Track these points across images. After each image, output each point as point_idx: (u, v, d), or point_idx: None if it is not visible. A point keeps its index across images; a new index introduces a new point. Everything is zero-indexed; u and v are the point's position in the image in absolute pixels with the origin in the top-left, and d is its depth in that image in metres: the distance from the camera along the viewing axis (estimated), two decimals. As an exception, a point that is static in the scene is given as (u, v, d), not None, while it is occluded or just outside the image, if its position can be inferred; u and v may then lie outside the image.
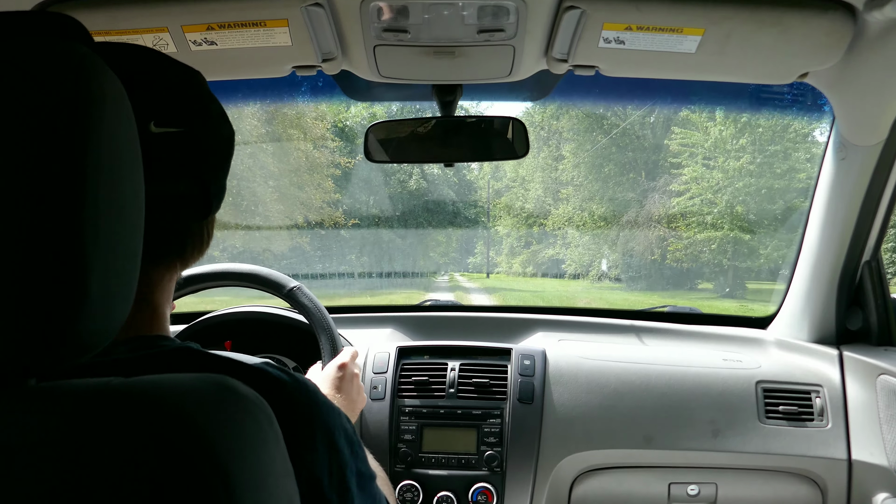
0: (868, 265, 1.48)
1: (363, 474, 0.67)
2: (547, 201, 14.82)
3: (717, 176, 11.99)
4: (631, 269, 13.43)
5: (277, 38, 1.08)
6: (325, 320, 1.30)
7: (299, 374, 0.63)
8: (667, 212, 12.44)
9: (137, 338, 0.62)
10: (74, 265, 0.44)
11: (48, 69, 0.45)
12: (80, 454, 0.41)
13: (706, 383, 1.48)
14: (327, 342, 1.28)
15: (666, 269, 12.66)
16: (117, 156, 0.48)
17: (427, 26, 1.06)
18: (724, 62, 1.14)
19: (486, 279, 15.38)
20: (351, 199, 12.21)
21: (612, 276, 13.72)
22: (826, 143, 1.42)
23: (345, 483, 0.62)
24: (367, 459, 0.70)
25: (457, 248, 15.57)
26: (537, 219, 14.86)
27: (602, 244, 13.96)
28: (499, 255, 16.13)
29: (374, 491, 0.70)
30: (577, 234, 14.00)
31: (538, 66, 1.21)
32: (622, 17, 1.03)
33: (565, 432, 1.44)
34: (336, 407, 0.65)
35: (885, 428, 1.34)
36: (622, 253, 13.65)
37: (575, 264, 14.34)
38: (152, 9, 1.03)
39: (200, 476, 0.43)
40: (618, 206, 13.54)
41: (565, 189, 14.32)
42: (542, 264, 15.11)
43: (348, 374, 1.19)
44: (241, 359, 0.62)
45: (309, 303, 1.31)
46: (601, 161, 13.87)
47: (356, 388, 1.21)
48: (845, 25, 1.04)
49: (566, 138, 13.99)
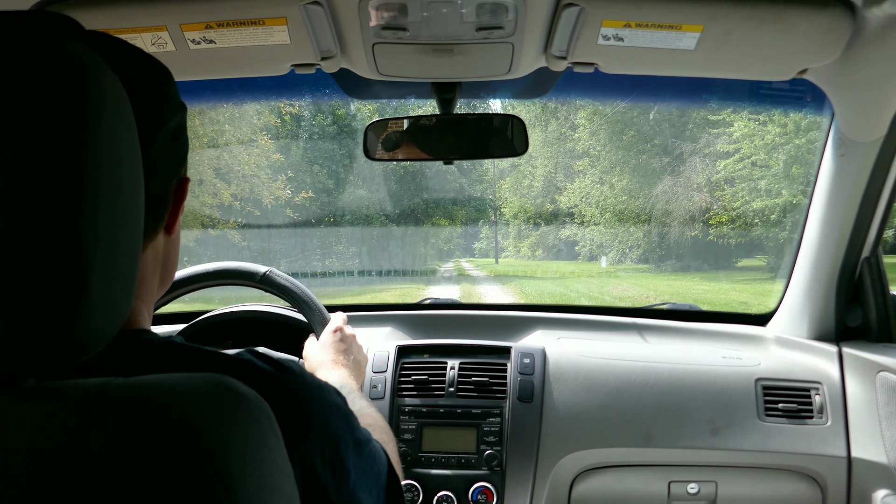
0: (868, 261, 1.48)
1: (359, 441, 0.69)
2: (558, 177, 13.56)
3: (774, 131, 10.06)
4: (660, 248, 12.09)
5: (276, 37, 1.08)
6: (306, 294, 1.32)
7: (283, 360, 0.63)
8: (709, 178, 10.73)
9: (121, 332, 0.62)
10: (74, 265, 0.44)
11: (47, 68, 0.45)
12: (80, 455, 0.41)
13: (706, 381, 1.48)
14: (314, 312, 1.30)
15: (703, 246, 11.23)
16: (117, 155, 0.48)
17: (426, 24, 1.06)
18: (723, 59, 1.14)
19: (496, 265, 14.43)
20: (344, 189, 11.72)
21: (634, 257, 12.42)
22: (825, 140, 1.42)
23: (339, 461, 0.63)
24: (359, 425, 0.72)
25: (461, 232, 14.61)
26: (547, 197, 13.67)
27: (626, 221, 12.46)
28: (506, 239, 15.08)
29: (371, 451, 0.72)
30: (596, 211, 12.58)
31: (537, 63, 1.21)
32: (621, 14, 1.03)
33: (565, 431, 1.44)
34: (324, 384, 0.66)
35: (884, 425, 1.34)
36: (649, 230, 12.19)
37: (591, 245, 13.03)
38: (151, 8, 1.02)
39: (200, 477, 0.43)
40: (644, 176, 12.08)
41: (580, 161, 12.92)
42: (552, 247, 14.16)
43: (346, 336, 1.22)
44: (224, 352, 0.62)
45: (286, 282, 1.32)
46: (621, 126, 12.32)
47: (357, 347, 1.23)
48: (844, 22, 1.04)
49: (580, 104, 12.71)
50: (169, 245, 0.69)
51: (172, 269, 0.72)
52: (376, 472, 0.73)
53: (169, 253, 0.70)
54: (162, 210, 0.65)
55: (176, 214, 0.67)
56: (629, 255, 12.53)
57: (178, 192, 0.67)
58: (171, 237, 0.69)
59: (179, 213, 0.68)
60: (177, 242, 0.72)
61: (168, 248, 0.69)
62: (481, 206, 14.25)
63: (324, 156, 12.07)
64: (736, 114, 10.36)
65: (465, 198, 13.95)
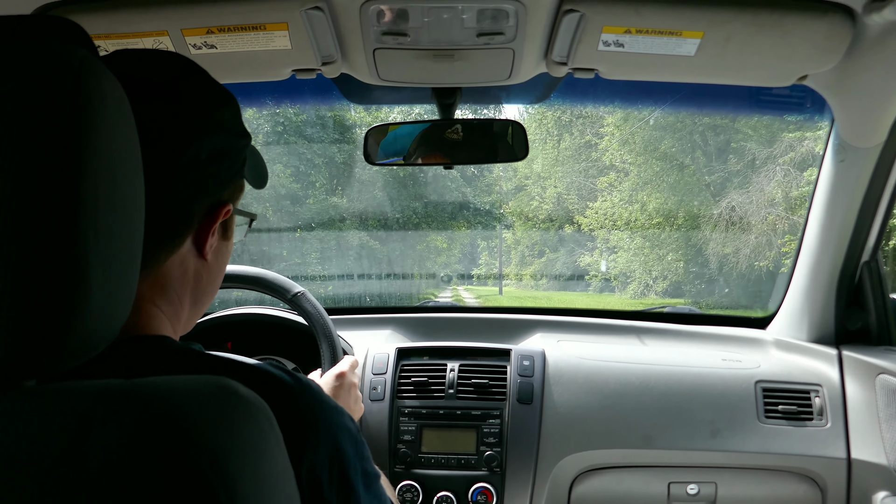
0: (867, 265, 1.48)
1: (368, 473, 0.67)
2: (570, 199, 11.57)
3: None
4: (698, 279, 9.85)
5: (277, 42, 1.08)
6: (327, 327, 1.31)
7: (302, 375, 0.63)
8: (787, 193, 8.49)
9: (140, 338, 0.62)
10: (74, 266, 0.44)
11: (48, 72, 0.45)
12: (80, 456, 0.42)
13: (706, 383, 1.49)
14: (328, 349, 1.29)
15: (766, 279, 8.61)
16: (117, 157, 0.48)
17: (426, 29, 1.06)
18: (724, 65, 1.14)
19: (499, 296, 12.90)
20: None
21: (660, 290, 10.20)
22: (825, 145, 1.42)
23: (348, 484, 0.62)
24: (370, 457, 0.70)
25: (459, 257, 12.81)
26: (559, 219, 11.65)
27: (657, 246, 10.32)
28: (507, 266, 13.42)
29: (380, 490, 0.70)
30: (623, 234, 10.57)
31: (538, 69, 1.21)
32: (622, 20, 1.03)
33: (565, 432, 1.44)
34: (339, 407, 0.65)
35: (884, 427, 1.35)
36: (688, 256, 10.02)
37: (609, 273, 11.00)
38: (152, 12, 1.02)
39: (200, 477, 0.43)
40: (686, 191, 9.91)
41: (605, 176, 10.72)
42: (559, 276, 12.20)
43: (346, 384, 1.20)
44: (243, 360, 0.62)
45: (312, 309, 1.32)
46: (660, 134, 9.99)
47: (354, 398, 1.22)
48: (844, 28, 1.04)
49: (605, 111, 10.29)
50: (203, 269, 0.69)
51: (207, 294, 0.72)
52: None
53: (202, 277, 0.69)
54: (182, 227, 0.65)
55: (205, 237, 0.67)
56: (653, 287, 10.28)
57: (210, 215, 0.67)
58: (206, 261, 0.68)
59: (209, 235, 0.67)
60: (214, 269, 0.71)
61: (202, 271, 0.69)
62: (483, 226, 12.47)
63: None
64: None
65: (470, 213, 12.01)
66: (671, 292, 10.11)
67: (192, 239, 0.66)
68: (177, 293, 0.67)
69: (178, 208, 0.63)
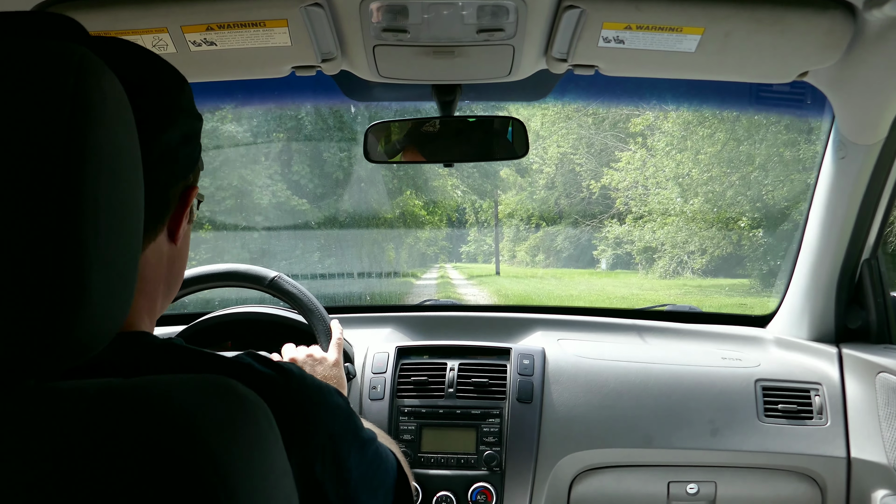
0: (868, 263, 1.48)
1: (363, 441, 0.69)
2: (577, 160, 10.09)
3: None
4: (754, 255, 8.26)
5: (277, 39, 1.08)
6: (312, 302, 1.32)
7: (283, 363, 0.64)
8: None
9: (120, 334, 0.62)
10: (74, 265, 0.44)
11: (47, 69, 0.45)
12: (80, 456, 0.42)
13: (705, 382, 1.49)
14: (319, 322, 1.30)
15: None
16: (117, 156, 0.48)
17: (426, 26, 1.06)
18: (724, 61, 1.14)
19: (496, 276, 12.20)
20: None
21: (697, 267, 8.57)
22: (826, 142, 1.42)
23: (340, 461, 0.63)
24: (363, 425, 0.72)
25: (448, 234, 12.08)
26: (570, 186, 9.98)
27: (698, 219, 8.66)
28: (501, 241, 12.26)
29: (376, 452, 0.72)
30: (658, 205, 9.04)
31: (538, 65, 1.21)
32: (622, 16, 1.03)
33: (564, 432, 1.44)
34: (325, 385, 0.66)
35: (884, 426, 1.34)
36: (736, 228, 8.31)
37: (635, 249, 9.64)
38: (152, 9, 1.02)
39: (200, 476, 0.43)
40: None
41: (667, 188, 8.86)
42: (560, 251, 11.02)
43: (318, 356, 1.22)
44: (224, 355, 0.62)
45: (293, 289, 1.33)
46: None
47: (328, 366, 1.22)
48: (845, 24, 1.04)
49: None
50: (174, 253, 0.69)
51: (178, 278, 0.72)
52: (384, 470, 0.73)
53: (174, 262, 0.70)
54: (162, 211, 0.65)
55: (179, 221, 0.67)
56: (688, 263, 9.00)
57: (182, 199, 0.67)
58: (176, 245, 0.68)
59: (182, 219, 0.68)
60: (184, 253, 0.72)
61: (173, 256, 0.69)
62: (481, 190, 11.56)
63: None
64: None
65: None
66: (710, 270, 8.16)
67: (167, 226, 0.67)
68: (153, 283, 0.67)
69: (157, 196, 0.63)
